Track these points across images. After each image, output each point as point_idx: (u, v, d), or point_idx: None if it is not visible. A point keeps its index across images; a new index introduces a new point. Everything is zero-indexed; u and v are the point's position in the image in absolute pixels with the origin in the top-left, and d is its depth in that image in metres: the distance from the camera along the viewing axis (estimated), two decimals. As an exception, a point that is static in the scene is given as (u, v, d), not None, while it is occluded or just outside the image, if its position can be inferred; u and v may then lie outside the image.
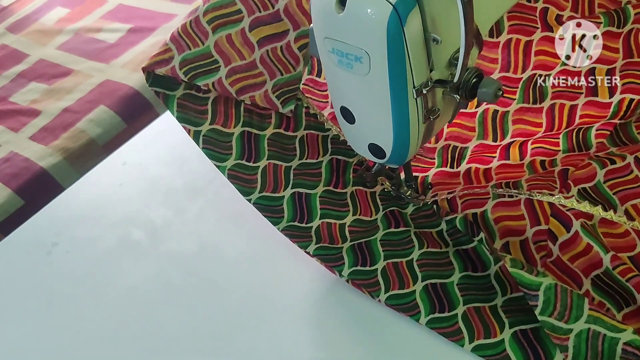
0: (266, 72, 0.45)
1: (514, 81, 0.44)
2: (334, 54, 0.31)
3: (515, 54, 0.43)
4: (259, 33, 0.45)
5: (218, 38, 0.44)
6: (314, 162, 0.47)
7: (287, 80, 0.45)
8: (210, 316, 0.44)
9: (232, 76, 0.44)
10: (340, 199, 0.46)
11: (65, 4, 1.34)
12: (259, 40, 0.45)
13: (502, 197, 0.42)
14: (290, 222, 0.44)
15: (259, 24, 0.45)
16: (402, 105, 0.32)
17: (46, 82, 1.11)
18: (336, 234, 0.44)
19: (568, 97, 0.43)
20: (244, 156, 0.45)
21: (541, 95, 0.43)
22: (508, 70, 0.44)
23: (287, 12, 0.45)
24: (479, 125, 0.45)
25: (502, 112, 0.44)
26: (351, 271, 0.42)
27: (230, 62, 0.45)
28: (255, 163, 0.45)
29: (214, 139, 0.45)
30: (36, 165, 0.91)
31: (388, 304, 0.41)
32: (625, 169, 0.40)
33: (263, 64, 0.45)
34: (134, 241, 0.52)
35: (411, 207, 0.46)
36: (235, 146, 0.45)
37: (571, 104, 0.42)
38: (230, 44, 0.45)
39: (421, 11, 0.28)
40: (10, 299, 0.51)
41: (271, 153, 0.46)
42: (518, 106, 0.44)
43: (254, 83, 0.45)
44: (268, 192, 0.45)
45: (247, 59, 0.45)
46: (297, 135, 0.47)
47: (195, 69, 0.44)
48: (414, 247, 0.42)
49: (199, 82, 0.44)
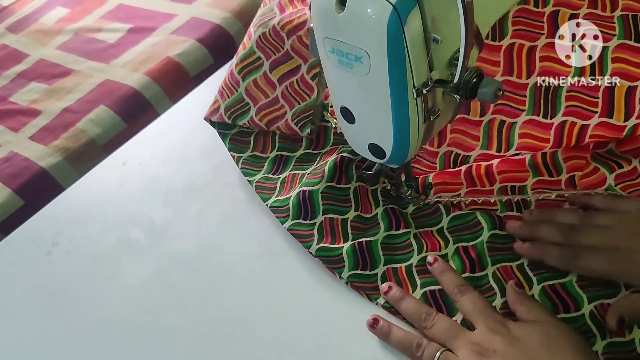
0: (286, 104, 0.53)
1: (520, 88, 0.42)
2: (334, 54, 0.31)
3: (518, 58, 0.42)
4: (277, 73, 0.53)
5: (247, 84, 0.54)
6: (323, 163, 0.49)
7: (303, 108, 0.52)
8: (210, 316, 0.44)
9: (259, 113, 0.54)
10: (343, 195, 0.47)
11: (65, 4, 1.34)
12: (279, 79, 0.53)
13: (511, 211, 0.43)
14: (295, 220, 0.46)
15: (277, 64, 0.53)
16: (402, 105, 0.32)
17: (46, 82, 1.11)
18: (338, 231, 0.45)
19: (581, 116, 0.40)
20: (271, 171, 0.52)
21: (553, 108, 0.41)
22: (511, 74, 0.42)
23: (294, 50, 0.52)
24: (484, 135, 0.44)
25: (510, 122, 0.42)
26: (351, 274, 0.42)
27: (257, 101, 0.54)
28: (278, 175, 0.52)
29: (251, 160, 0.54)
30: (36, 165, 0.91)
31: (386, 307, 0.41)
32: (633, 172, 0.40)
33: (284, 97, 0.53)
34: (134, 241, 0.52)
35: (411, 207, 0.46)
36: (267, 165, 0.53)
37: (583, 124, 0.39)
38: (256, 87, 0.54)
39: (421, 11, 0.28)
40: (10, 299, 0.51)
41: (295, 167, 0.52)
42: (527, 118, 0.42)
43: (277, 115, 0.53)
44: (282, 196, 0.48)
45: (271, 96, 0.53)
46: (322, 151, 0.52)
47: (234, 112, 0.55)
48: (412, 251, 0.43)
49: (238, 122, 0.55)
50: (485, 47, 0.43)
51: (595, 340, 0.35)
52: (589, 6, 0.40)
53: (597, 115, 0.39)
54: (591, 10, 0.40)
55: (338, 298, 0.43)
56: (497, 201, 0.43)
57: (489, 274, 0.40)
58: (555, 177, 0.42)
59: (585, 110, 0.40)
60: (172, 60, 1.03)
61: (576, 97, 0.40)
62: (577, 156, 0.42)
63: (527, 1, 0.42)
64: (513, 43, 0.42)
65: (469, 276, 0.40)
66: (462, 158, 0.45)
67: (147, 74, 1.02)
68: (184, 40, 1.06)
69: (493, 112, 0.43)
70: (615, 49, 0.39)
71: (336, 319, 0.42)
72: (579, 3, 0.40)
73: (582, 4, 0.40)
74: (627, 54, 0.39)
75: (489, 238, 0.41)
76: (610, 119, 0.39)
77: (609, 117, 0.39)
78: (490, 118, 0.43)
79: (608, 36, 0.39)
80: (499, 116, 0.43)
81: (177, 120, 0.65)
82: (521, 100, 0.42)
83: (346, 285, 0.43)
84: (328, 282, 0.44)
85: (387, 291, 0.41)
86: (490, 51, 0.43)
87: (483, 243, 0.41)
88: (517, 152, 0.42)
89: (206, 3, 1.15)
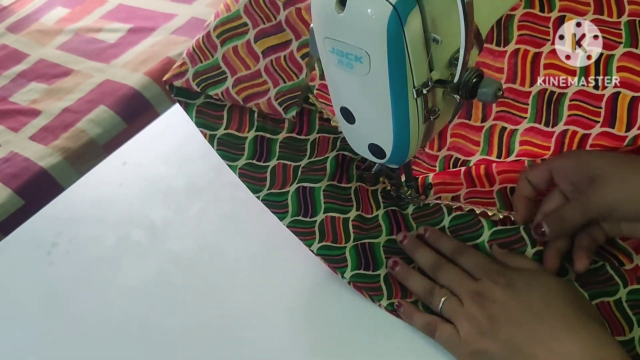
0: (270, 81, 0.47)
1: (523, 96, 0.42)
2: (334, 54, 0.31)
3: (523, 65, 0.41)
4: (263, 44, 0.47)
5: (225, 50, 0.47)
6: (320, 158, 0.48)
7: (289, 87, 0.47)
8: (210, 316, 0.44)
9: (237, 85, 0.47)
10: (344, 194, 0.46)
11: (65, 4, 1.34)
12: (264, 51, 0.47)
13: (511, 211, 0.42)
14: (295, 217, 0.45)
15: (264, 35, 0.47)
16: (402, 105, 0.32)
17: (46, 82, 1.11)
18: (340, 230, 0.45)
19: (583, 125, 0.39)
20: (255, 156, 0.47)
21: (555, 117, 0.41)
22: (514, 81, 0.42)
23: (289, 23, 0.47)
24: (485, 140, 0.43)
25: (511, 130, 0.42)
26: (353, 274, 0.42)
27: (236, 72, 0.48)
28: (265, 162, 0.47)
29: (228, 141, 0.48)
30: (36, 165, 0.91)
31: (389, 310, 0.41)
32: None
33: (267, 72, 0.47)
34: (134, 241, 0.52)
35: (411, 208, 0.46)
36: (247, 148, 0.48)
37: (584, 133, 0.39)
38: (236, 55, 0.48)
39: (421, 11, 0.28)
40: (10, 299, 0.51)
41: (282, 154, 0.48)
42: (529, 125, 0.41)
43: (258, 91, 0.47)
44: (276, 189, 0.46)
45: (252, 68, 0.47)
46: (310, 138, 0.49)
47: (205, 80, 0.48)
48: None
49: (209, 92, 0.48)
50: (490, 53, 0.42)
51: None
52: (595, 12, 0.40)
53: (599, 125, 0.39)
54: (597, 16, 0.39)
55: (338, 298, 0.43)
56: (497, 201, 0.43)
57: None
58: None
59: (587, 120, 0.39)
60: (172, 60, 1.03)
61: (579, 106, 0.40)
62: None
63: (532, 4, 0.41)
64: (518, 49, 0.41)
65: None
66: (462, 162, 0.45)
67: (147, 74, 1.02)
68: (184, 40, 1.06)
69: (495, 118, 0.43)
70: (621, 58, 0.39)
71: (336, 320, 0.42)
72: (585, 9, 0.40)
73: (588, 9, 0.40)
74: (633, 62, 0.38)
75: (490, 237, 0.41)
76: (612, 128, 0.39)
77: (610, 127, 0.39)
78: (492, 124, 0.43)
79: (614, 44, 0.39)
80: (501, 122, 0.43)
81: (177, 120, 0.65)
82: (523, 107, 0.42)
83: (347, 285, 0.43)
84: (328, 283, 0.44)
85: (402, 240, 0.43)
86: (494, 57, 0.42)
87: (484, 242, 0.41)
88: (517, 158, 0.42)
89: (206, 3, 1.15)
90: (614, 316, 0.36)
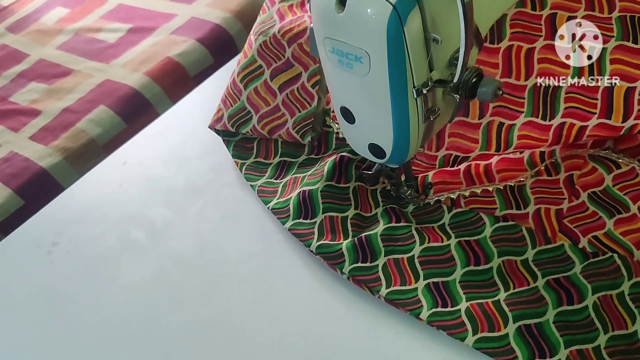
0: (287, 112, 0.53)
1: (519, 90, 0.42)
2: (334, 54, 0.31)
3: (517, 60, 0.42)
4: (278, 81, 0.53)
5: (248, 92, 0.54)
6: (322, 164, 0.49)
7: (304, 116, 0.52)
8: (210, 316, 0.44)
9: (261, 121, 0.54)
10: (342, 193, 0.47)
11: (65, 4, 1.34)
12: (280, 87, 0.53)
13: (511, 210, 0.42)
14: (296, 220, 0.46)
15: (277, 72, 0.53)
16: (402, 105, 0.32)
17: (46, 82, 1.11)
18: (338, 228, 0.45)
19: (580, 117, 0.40)
20: (274, 177, 0.52)
21: (552, 110, 0.41)
22: (510, 76, 0.42)
23: (295, 58, 0.52)
24: (483, 137, 0.44)
25: (509, 124, 0.43)
26: (352, 268, 0.42)
27: (258, 110, 0.54)
28: (281, 180, 0.52)
29: (254, 167, 0.54)
30: (36, 165, 0.91)
31: (388, 300, 0.41)
32: (631, 172, 0.40)
33: (284, 105, 0.53)
34: (134, 241, 0.52)
35: (411, 207, 0.46)
36: (270, 170, 0.53)
37: (581, 125, 0.40)
38: (257, 95, 0.54)
39: (421, 11, 0.28)
40: (10, 299, 0.51)
41: (298, 171, 0.52)
42: (526, 119, 0.42)
43: (279, 123, 0.53)
44: (283, 198, 0.49)
45: (272, 104, 0.54)
46: (324, 156, 0.52)
47: (237, 120, 0.55)
48: (415, 242, 0.43)
49: (242, 130, 0.55)
50: (484, 50, 0.43)
51: (598, 333, 0.35)
52: (587, 8, 0.40)
53: (596, 116, 0.39)
54: (589, 12, 0.40)
55: (338, 298, 0.43)
56: (497, 200, 0.43)
57: (493, 267, 0.40)
58: (554, 177, 0.42)
59: (584, 112, 0.40)
60: (172, 60, 1.03)
61: (575, 98, 0.40)
62: (575, 155, 0.42)
63: (524, 4, 0.42)
64: (511, 45, 0.42)
65: (473, 269, 0.40)
66: (462, 160, 0.45)
67: (147, 74, 1.02)
68: (184, 40, 1.06)
69: (492, 114, 0.44)
70: (614, 50, 0.39)
71: (336, 319, 0.42)
72: (576, 5, 0.40)
73: (580, 6, 0.40)
74: (626, 55, 0.39)
75: (492, 233, 0.41)
76: (608, 120, 0.39)
77: (607, 118, 0.39)
78: (489, 120, 0.44)
79: (606, 37, 0.39)
80: (498, 118, 0.43)
81: (177, 120, 0.65)
82: (520, 102, 0.42)
83: (347, 281, 0.43)
84: (328, 282, 0.44)
85: None
86: (488, 53, 0.43)
87: (486, 238, 0.41)
88: (515, 150, 0.42)
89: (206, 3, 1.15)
90: (616, 310, 0.36)
